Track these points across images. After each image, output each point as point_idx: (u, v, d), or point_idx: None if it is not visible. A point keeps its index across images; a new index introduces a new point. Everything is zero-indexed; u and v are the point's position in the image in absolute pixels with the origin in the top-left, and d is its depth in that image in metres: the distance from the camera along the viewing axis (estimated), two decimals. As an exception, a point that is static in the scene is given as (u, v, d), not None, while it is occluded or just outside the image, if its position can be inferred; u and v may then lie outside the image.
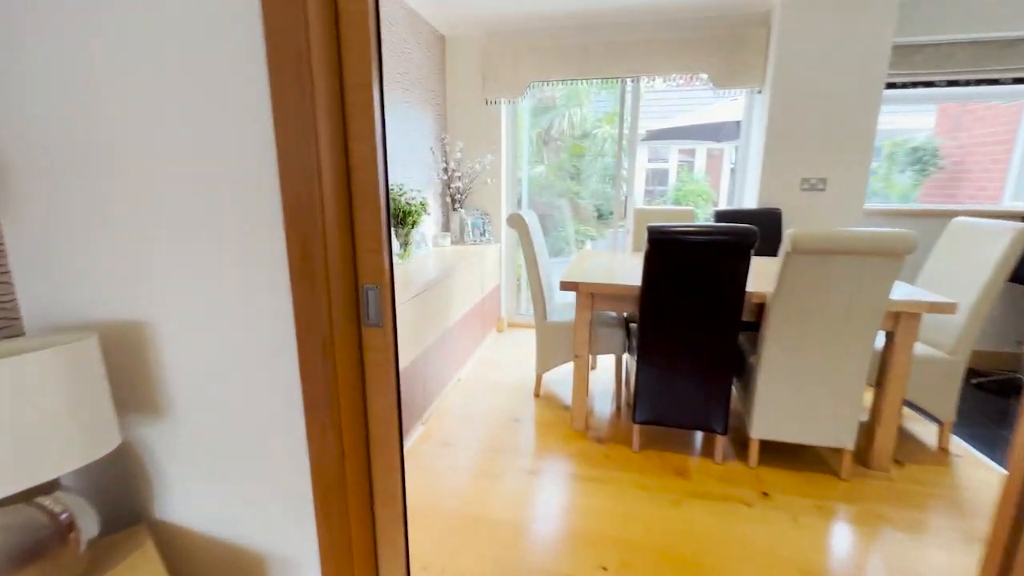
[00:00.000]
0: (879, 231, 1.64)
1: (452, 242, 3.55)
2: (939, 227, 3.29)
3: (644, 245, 1.87)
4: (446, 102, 3.56)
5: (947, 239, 2.32)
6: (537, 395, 2.71)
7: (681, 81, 3.34)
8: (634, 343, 2.26)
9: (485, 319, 3.40)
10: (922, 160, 4.37)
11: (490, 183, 3.60)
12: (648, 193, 10.49)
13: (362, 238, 0.92)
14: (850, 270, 1.69)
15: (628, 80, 3.34)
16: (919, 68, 3.05)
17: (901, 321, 1.86)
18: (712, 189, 10.10)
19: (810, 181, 3.00)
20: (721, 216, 3.07)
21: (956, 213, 3.26)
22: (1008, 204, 3.90)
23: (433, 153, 3.35)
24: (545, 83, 3.50)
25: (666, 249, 1.82)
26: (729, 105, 6.15)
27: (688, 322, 1.92)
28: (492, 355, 3.32)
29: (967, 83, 3.04)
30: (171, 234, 0.91)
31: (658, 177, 10.72)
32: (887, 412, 1.95)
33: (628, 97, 3.41)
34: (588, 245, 6.37)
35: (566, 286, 2.14)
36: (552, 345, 2.55)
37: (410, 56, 2.93)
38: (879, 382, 1.99)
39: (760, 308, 1.95)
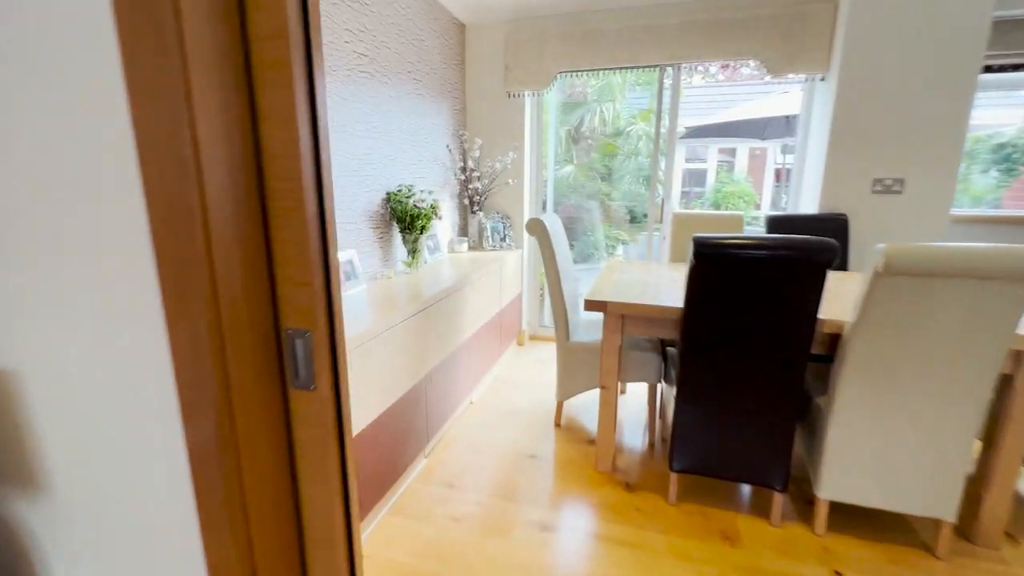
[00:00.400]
0: (1006, 247, 1.24)
1: (470, 247, 3.27)
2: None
3: (686, 256, 1.53)
4: (465, 95, 3.28)
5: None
6: (558, 424, 2.38)
7: (722, 77, 2.95)
8: (672, 372, 1.91)
9: (504, 332, 3.10)
10: (1010, 158, 3.80)
11: (512, 184, 3.29)
12: (684, 195, 9.98)
13: (284, 264, 0.64)
14: (963, 297, 1.30)
15: (668, 69, 2.97)
16: (1022, 47, 2.56)
17: (1025, 362, 1.45)
18: (755, 190, 9.51)
19: (884, 182, 2.56)
20: (775, 222, 2.67)
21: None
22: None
23: (450, 151, 3.08)
24: (574, 74, 3.17)
25: (716, 266, 1.47)
26: (777, 99, 5.64)
27: (742, 354, 1.56)
28: (510, 373, 3.02)
29: (1084, 64, 2.53)
30: (19, 258, 0.65)
31: (695, 178, 10.18)
32: (1001, 474, 1.53)
33: (667, 89, 3.04)
34: (619, 251, 5.99)
35: (592, 306, 1.81)
36: (575, 369, 2.22)
37: (423, 43, 2.66)
38: (989, 436, 1.57)
39: (833, 339, 1.58)
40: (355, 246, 2.16)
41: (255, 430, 0.64)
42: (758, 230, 3.42)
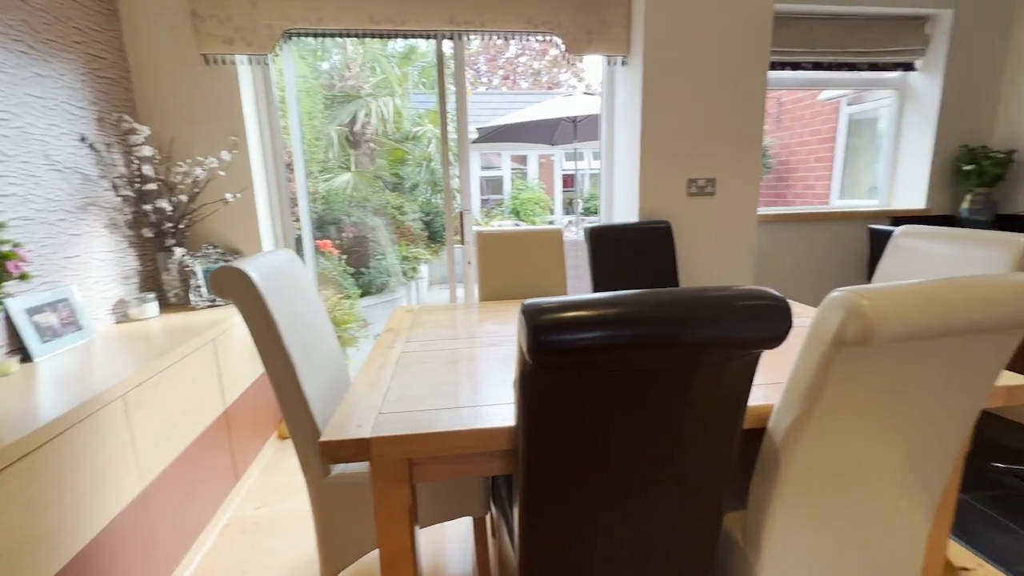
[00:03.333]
0: (1005, 277, 0.76)
1: (169, 306, 1.99)
2: (779, 232, 2.82)
3: (501, 292, 0.74)
4: (126, 56, 1.98)
5: (897, 254, 1.70)
6: (331, 613, 1.37)
7: (505, 88, 2.34)
8: (504, 496, 1.11)
9: (242, 438, 1.92)
10: (758, 160, 4.22)
11: (235, 199, 2.12)
12: (484, 203, 9.73)
13: None
14: (948, 360, 0.79)
15: (447, 40, 2.23)
16: (785, 46, 2.57)
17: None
18: (547, 195, 9.79)
19: (698, 183, 2.27)
20: (597, 234, 2.15)
21: (802, 216, 2.87)
22: (837, 204, 3.88)
23: (93, 148, 1.76)
24: (316, 36, 2.18)
25: (574, 368, 0.70)
26: (563, 102, 5.55)
27: (626, 480, 0.84)
28: (255, 508, 1.85)
29: (830, 67, 2.66)
30: None
31: (492, 186, 10.07)
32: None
33: (450, 76, 2.29)
34: (423, 271, 5.15)
35: (341, 452, 0.87)
36: (345, 522, 1.26)
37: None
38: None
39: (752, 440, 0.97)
40: None
41: None
42: (577, 241, 2.95)
